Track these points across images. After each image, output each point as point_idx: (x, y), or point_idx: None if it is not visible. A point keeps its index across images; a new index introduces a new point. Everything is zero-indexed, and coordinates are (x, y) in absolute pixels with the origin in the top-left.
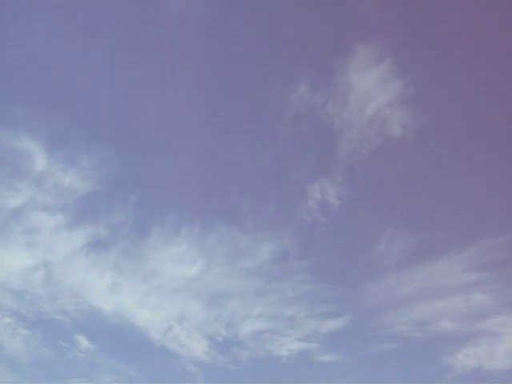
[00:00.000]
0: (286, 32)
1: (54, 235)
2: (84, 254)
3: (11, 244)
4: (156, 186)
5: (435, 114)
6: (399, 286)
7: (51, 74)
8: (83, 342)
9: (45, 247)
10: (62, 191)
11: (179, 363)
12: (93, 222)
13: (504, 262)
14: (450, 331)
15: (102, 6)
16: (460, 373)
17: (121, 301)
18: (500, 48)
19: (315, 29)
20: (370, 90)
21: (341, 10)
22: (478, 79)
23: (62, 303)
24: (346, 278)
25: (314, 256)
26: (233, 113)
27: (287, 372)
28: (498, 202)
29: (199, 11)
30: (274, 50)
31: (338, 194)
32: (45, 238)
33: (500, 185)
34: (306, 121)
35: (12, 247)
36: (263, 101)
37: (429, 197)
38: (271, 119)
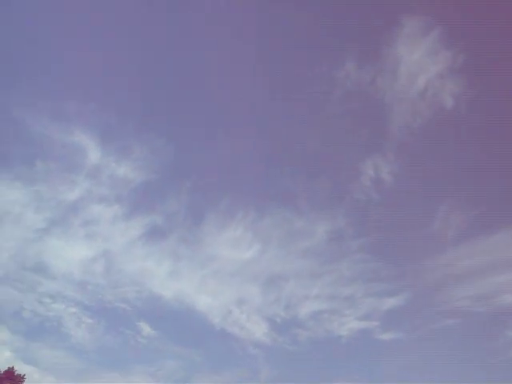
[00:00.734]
0: (331, 10)
1: (111, 226)
2: (142, 242)
3: (71, 236)
4: (209, 172)
5: (487, 83)
6: (458, 261)
7: (100, 70)
8: (145, 328)
9: (103, 238)
10: (117, 182)
11: (240, 346)
12: (148, 210)
13: None
14: None
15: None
16: None
17: (180, 287)
18: None
19: (360, 3)
20: (420, 62)
21: None
22: None
23: (123, 291)
24: (403, 255)
25: (369, 234)
26: (280, 96)
27: (347, 352)
28: None
29: None
30: (319, 29)
31: (391, 170)
32: (103, 228)
33: None
34: (355, 98)
35: (72, 240)
36: (310, 81)
37: (484, 169)
38: (320, 99)
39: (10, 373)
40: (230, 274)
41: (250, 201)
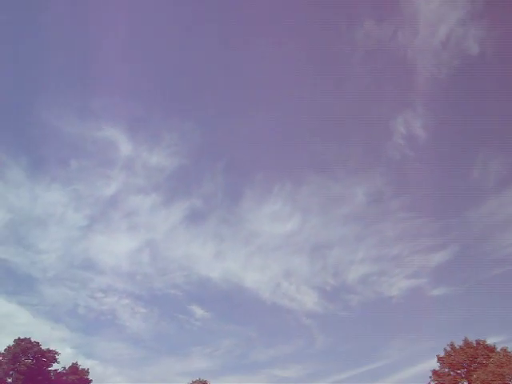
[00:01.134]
0: None
1: (152, 215)
2: (183, 227)
3: (114, 230)
4: (241, 150)
5: (511, 24)
6: (501, 209)
7: (119, 63)
8: (198, 311)
9: (146, 228)
10: (151, 171)
11: (292, 317)
12: (186, 195)
13: None
14: None
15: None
16: None
17: (226, 266)
18: None
19: None
20: (439, 11)
21: None
22: None
23: (171, 278)
24: (444, 208)
25: (409, 192)
26: (302, 64)
27: (400, 311)
28: None
29: None
30: None
31: (423, 124)
32: (144, 218)
33: None
34: (377, 56)
35: (115, 233)
36: (330, 44)
37: None
38: (341, 61)
39: (74, 368)
40: (274, 247)
41: (285, 173)
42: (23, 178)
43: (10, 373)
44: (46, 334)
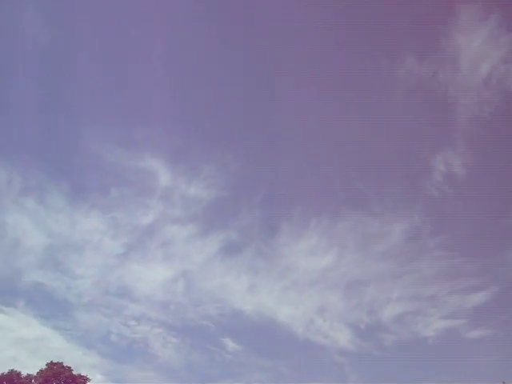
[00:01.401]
0: (385, 7)
1: (187, 245)
2: (219, 259)
3: (149, 259)
4: (278, 183)
5: None
6: None
7: (162, 95)
8: (229, 343)
9: (181, 258)
10: (189, 202)
11: (325, 354)
12: (222, 227)
13: None
14: None
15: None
16: None
17: (260, 300)
18: None
19: None
20: (481, 49)
21: None
22: None
23: (204, 309)
24: (484, 248)
25: (447, 230)
26: (342, 99)
27: (435, 352)
28: None
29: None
30: (375, 25)
31: (463, 162)
32: (180, 248)
33: None
34: (417, 94)
35: (151, 262)
36: (370, 82)
37: None
38: (381, 99)
39: None
40: (309, 282)
41: (322, 207)
42: (64, 203)
43: None
44: (77, 359)
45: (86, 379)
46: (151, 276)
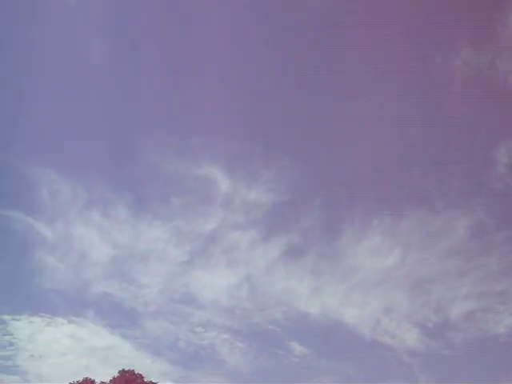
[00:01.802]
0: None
1: (250, 250)
2: (282, 263)
3: (213, 265)
4: (338, 184)
5: None
6: None
7: (217, 102)
8: (296, 347)
9: (244, 263)
10: (250, 207)
11: (393, 355)
12: (284, 231)
13: None
14: None
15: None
16: None
17: (325, 302)
18: None
19: None
20: None
21: None
22: None
23: (269, 313)
24: None
25: None
26: (399, 95)
27: (506, 350)
28: None
29: None
30: (428, 17)
31: None
32: (242, 254)
33: None
34: (475, 84)
35: (214, 268)
36: (426, 73)
37: None
38: (438, 91)
39: None
40: (373, 283)
41: (384, 206)
42: (127, 215)
43: None
44: (147, 367)
45: None
46: (215, 282)
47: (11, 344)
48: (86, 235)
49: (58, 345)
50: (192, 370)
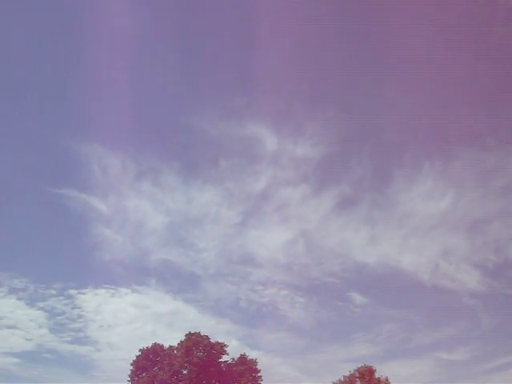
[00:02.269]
0: None
1: (302, 205)
2: (335, 215)
3: (267, 224)
4: (385, 131)
5: None
6: None
7: (258, 59)
8: (356, 297)
9: (298, 218)
10: (298, 162)
11: (454, 298)
12: (335, 183)
13: None
14: None
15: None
16: None
17: (382, 251)
18: None
19: None
20: None
21: None
22: None
23: (327, 266)
24: None
25: None
26: (443, 33)
27: None
28: None
29: None
30: None
31: None
32: (295, 210)
33: None
34: None
35: (269, 226)
36: (468, 7)
37: None
38: (481, 27)
39: (243, 359)
40: (429, 227)
41: (434, 149)
42: (178, 182)
43: (185, 365)
44: (212, 328)
45: (223, 346)
46: (271, 240)
47: (80, 316)
48: (140, 206)
49: (124, 314)
50: (255, 328)
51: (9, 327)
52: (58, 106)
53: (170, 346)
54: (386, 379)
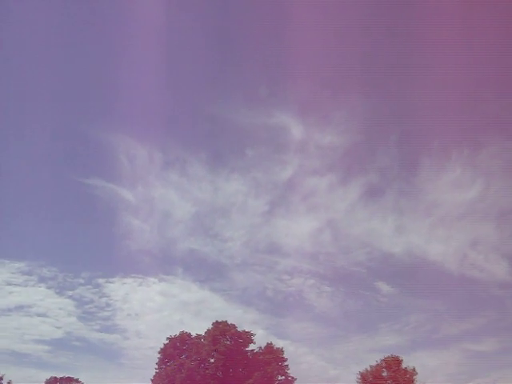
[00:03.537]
0: None
1: (329, 194)
2: (362, 204)
3: (294, 213)
4: (412, 119)
5: None
6: None
7: (286, 52)
8: (383, 287)
9: (324, 207)
10: (325, 151)
11: (482, 289)
12: (362, 171)
13: None
14: None
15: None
16: None
17: (409, 240)
18: None
19: None
20: None
21: None
22: None
23: (354, 255)
24: None
25: None
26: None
27: None
28: None
29: None
30: None
31: None
32: (322, 199)
33: None
34: None
35: (295, 215)
36: None
37: None
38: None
39: (269, 348)
40: (457, 217)
41: (462, 137)
42: (204, 172)
43: (212, 353)
44: (238, 317)
45: (250, 334)
46: (297, 229)
47: (108, 305)
48: (167, 195)
49: (151, 302)
50: (282, 317)
51: (39, 315)
52: (86, 98)
53: (197, 335)
54: (413, 370)
